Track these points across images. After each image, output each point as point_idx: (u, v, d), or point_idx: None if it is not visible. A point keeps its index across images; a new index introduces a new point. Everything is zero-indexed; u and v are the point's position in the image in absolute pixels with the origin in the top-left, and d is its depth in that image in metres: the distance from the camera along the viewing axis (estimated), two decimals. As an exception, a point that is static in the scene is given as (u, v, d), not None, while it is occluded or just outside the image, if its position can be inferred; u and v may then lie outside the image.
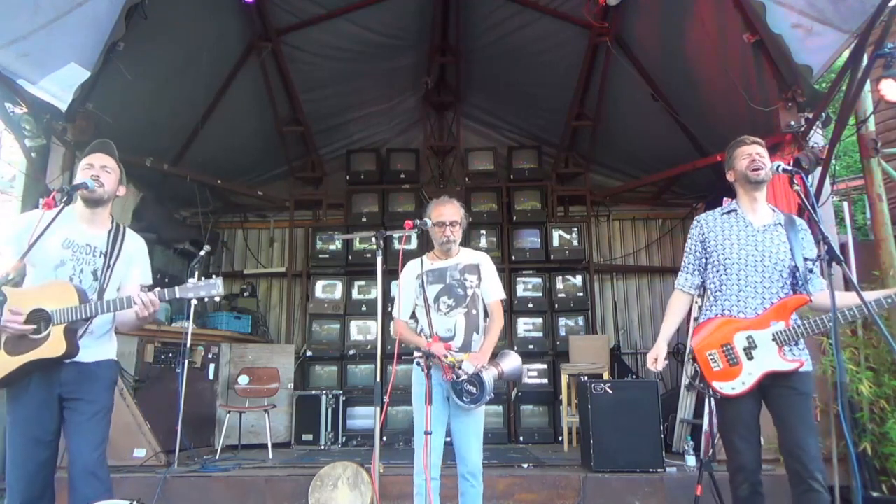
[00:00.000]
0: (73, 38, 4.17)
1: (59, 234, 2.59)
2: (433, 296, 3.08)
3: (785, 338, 2.54)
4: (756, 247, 2.67)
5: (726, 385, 2.59)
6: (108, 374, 2.67)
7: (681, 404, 5.35)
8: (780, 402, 2.55)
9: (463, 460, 2.98)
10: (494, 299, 3.19)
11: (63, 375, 2.52)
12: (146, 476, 4.14)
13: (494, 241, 7.15)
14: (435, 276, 3.12)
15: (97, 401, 2.57)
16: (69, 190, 2.50)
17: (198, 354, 5.74)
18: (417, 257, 3.19)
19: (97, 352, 2.63)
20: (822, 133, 4.55)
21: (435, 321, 3.01)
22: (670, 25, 5.18)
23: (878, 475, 3.95)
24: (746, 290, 2.64)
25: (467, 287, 3.11)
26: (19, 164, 4.92)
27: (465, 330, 3.06)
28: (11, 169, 5.83)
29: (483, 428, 3.08)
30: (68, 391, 2.53)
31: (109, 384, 2.68)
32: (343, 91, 6.89)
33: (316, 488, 3.84)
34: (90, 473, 2.48)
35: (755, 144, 2.74)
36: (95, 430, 2.55)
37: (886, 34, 3.96)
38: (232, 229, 7.97)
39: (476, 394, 2.86)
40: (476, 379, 2.85)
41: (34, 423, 2.50)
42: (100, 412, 2.57)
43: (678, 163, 6.40)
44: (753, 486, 2.56)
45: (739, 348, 2.59)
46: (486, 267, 3.20)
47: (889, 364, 4.03)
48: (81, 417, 2.53)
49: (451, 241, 3.11)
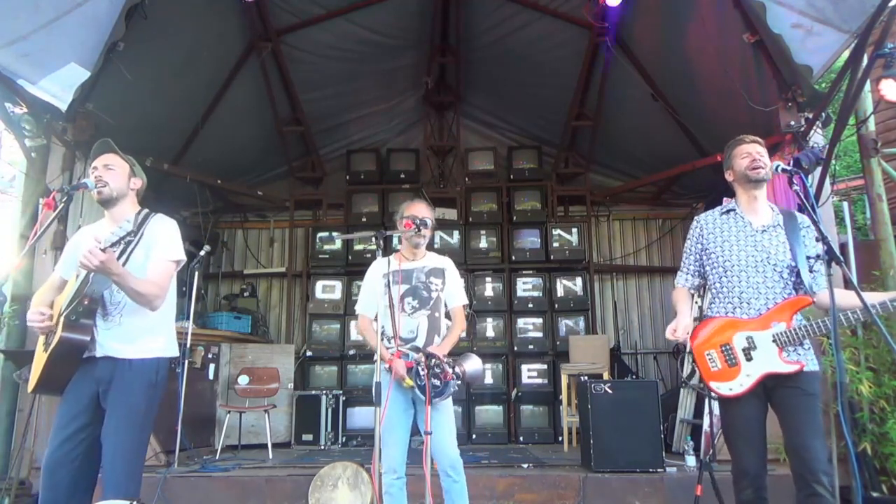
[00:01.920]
0: (73, 38, 4.17)
1: (89, 239, 2.56)
2: (398, 296, 3.12)
3: (786, 339, 2.50)
4: (756, 247, 2.64)
5: (724, 385, 2.57)
6: (141, 375, 2.49)
7: (681, 404, 5.36)
8: (786, 402, 2.51)
9: (442, 454, 2.96)
10: (457, 304, 3.25)
11: (98, 373, 2.45)
12: (146, 476, 4.04)
13: (494, 241, 7.15)
14: (402, 276, 3.16)
15: (123, 403, 2.43)
16: (69, 190, 2.50)
17: (198, 354, 5.74)
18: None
19: (132, 347, 2.49)
20: (822, 133, 4.55)
21: (399, 321, 3.06)
22: (670, 25, 5.18)
23: (878, 475, 3.95)
24: (748, 292, 2.61)
25: (432, 290, 3.18)
26: (19, 164, 4.92)
27: (427, 331, 3.12)
28: (11, 169, 5.85)
29: (454, 421, 3.09)
30: (104, 390, 2.44)
31: (144, 386, 2.50)
32: (343, 91, 6.88)
33: (316, 488, 3.84)
34: (112, 479, 2.38)
35: (754, 143, 2.71)
36: (118, 434, 2.40)
37: (886, 34, 3.96)
38: (232, 229, 7.97)
39: (440, 386, 2.90)
40: (438, 370, 2.89)
41: (66, 425, 2.43)
42: (125, 416, 2.43)
43: (678, 163, 6.41)
44: (757, 491, 2.51)
45: (738, 349, 2.57)
46: (451, 272, 3.27)
47: (889, 364, 4.03)
48: (108, 419, 2.42)
49: (420, 240, 3.17)
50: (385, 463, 2.94)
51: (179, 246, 2.65)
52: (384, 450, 2.94)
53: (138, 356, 2.50)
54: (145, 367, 2.52)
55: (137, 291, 2.43)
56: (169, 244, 2.60)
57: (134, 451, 2.47)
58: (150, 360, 2.54)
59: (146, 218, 2.63)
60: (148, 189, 2.86)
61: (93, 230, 2.70)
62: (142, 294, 2.44)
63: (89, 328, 2.44)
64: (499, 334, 6.72)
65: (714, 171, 5.89)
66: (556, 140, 7.48)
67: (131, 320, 2.52)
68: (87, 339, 2.42)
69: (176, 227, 2.68)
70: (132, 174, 2.70)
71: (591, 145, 7.24)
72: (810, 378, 2.52)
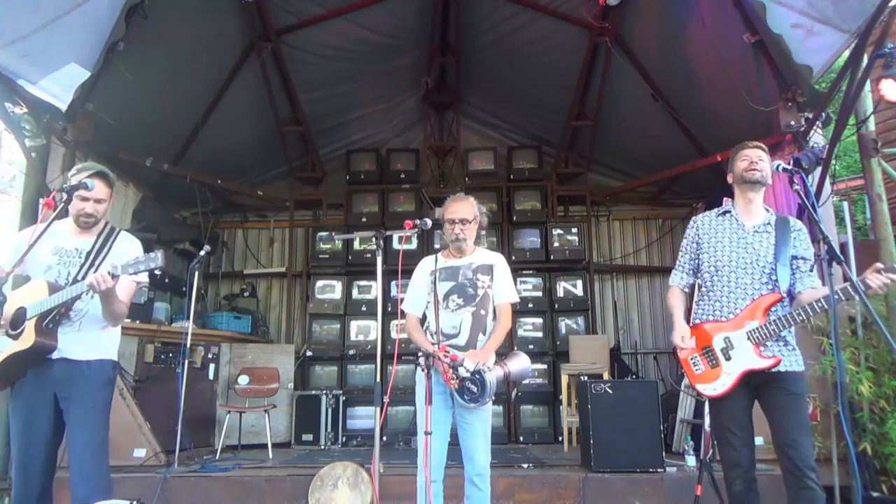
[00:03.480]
0: (73, 38, 4.16)
1: (50, 243, 2.68)
2: (443, 293, 3.08)
3: (759, 335, 2.59)
4: (746, 248, 2.73)
5: (708, 387, 2.68)
6: (100, 374, 2.66)
7: (681, 404, 5.35)
8: (772, 402, 2.61)
9: (470, 461, 2.95)
10: (504, 301, 3.15)
11: (55, 373, 2.56)
12: (146, 476, 4.14)
13: (494, 241, 7.14)
14: (447, 273, 3.12)
15: (88, 400, 2.58)
16: (69, 190, 2.53)
17: (198, 354, 5.74)
18: (424, 257, 3.23)
19: (89, 350, 2.64)
20: (822, 133, 4.55)
21: (442, 317, 3.01)
22: (670, 25, 5.18)
23: (878, 475, 3.96)
24: (736, 292, 2.69)
25: (479, 287, 3.09)
26: (19, 164, 4.92)
27: (470, 328, 3.03)
28: (11, 169, 5.84)
29: (490, 429, 3.06)
30: (61, 390, 2.57)
31: (102, 384, 2.66)
32: (343, 91, 6.88)
33: (316, 488, 3.84)
34: (83, 473, 2.51)
35: (756, 148, 2.80)
36: (87, 429, 2.55)
37: (886, 34, 3.96)
38: (232, 229, 7.98)
39: (476, 393, 2.82)
40: (478, 378, 2.81)
41: (30, 422, 2.55)
42: (91, 412, 2.58)
43: (678, 163, 6.41)
44: (747, 482, 2.61)
45: (718, 350, 2.67)
46: (501, 268, 3.18)
47: (889, 364, 4.03)
48: (73, 417, 2.55)
49: (460, 240, 3.10)
50: (420, 464, 2.86)
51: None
52: (430, 454, 2.84)
53: (96, 357, 2.66)
54: (103, 367, 2.69)
55: (114, 313, 2.62)
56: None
57: (101, 444, 2.61)
58: (106, 360, 2.71)
59: (111, 233, 2.77)
60: (148, 189, 2.88)
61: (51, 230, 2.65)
62: (116, 314, 2.64)
63: (56, 333, 2.57)
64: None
65: (714, 172, 5.92)
66: (555, 140, 7.47)
67: (90, 326, 2.66)
68: (55, 345, 2.56)
69: (140, 248, 2.82)
70: (111, 195, 2.80)
71: (591, 145, 7.23)
72: (795, 378, 2.61)
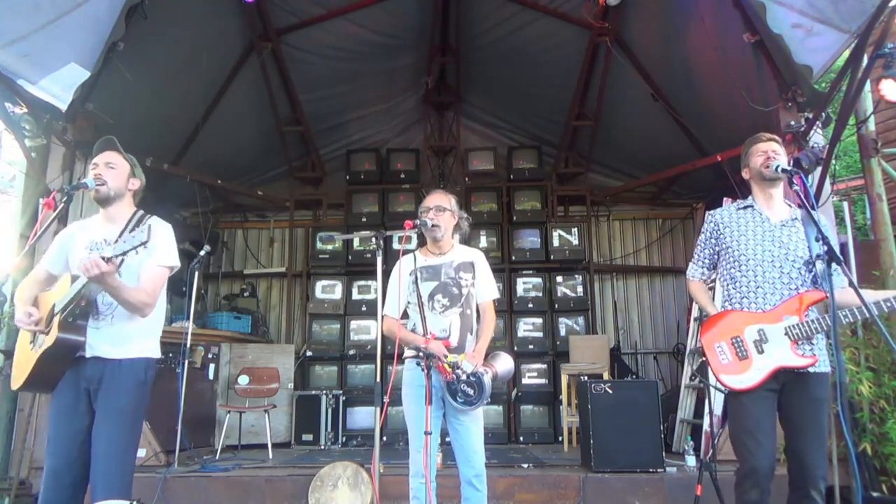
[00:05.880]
0: (73, 38, 4.16)
1: (86, 238, 2.59)
2: (427, 293, 2.98)
3: (798, 333, 2.47)
4: (774, 242, 2.62)
5: (734, 379, 2.50)
6: (130, 375, 2.50)
7: (681, 404, 5.35)
8: (794, 405, 2.48)
9: (467, 462, 2.88)
10: (488, 299, 3.07)
11: (87, 371, 2.46)
12: (146, 476, 4.13)
13: (494, 241, 7.15)
14: (429, 273, 3.02)
15: (113, 405, 2.44)
16: (69, 189, 2.49)
17: (198, 354, 5.74)
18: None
19: (120, 347, 2.50)
20: (822, 133, 4.54)
21: (429, 320, 2.92)
22: (670, 25, 5.18)
23: (878, 475, 3.95)
24: (764, 287, 2.57)
25: (462, 286, 3.01)
26: (19, 164, 4.92)
27: (459, 330, 2.95)
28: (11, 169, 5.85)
29: (483, 429, 3.02)
30: (94, 388, 2.46)
31: (132, 386, 2.50)
32: (343, 91, 6.88)
33: (316, 488, 3.84)
34: (105, 483, 2.38)
35: (771, 142, 2.71)
36: (108, 437, 2.41)
37: (886, 34, 3.95)
38: (232, 229, 7.98)
39: (473, 396, 2.77)
40: (475, 381, 2.76)
41: (64, 420, 2.44)
42: (115, 417, 2.44)
43: (678, 163, 6.41)
44: (762, 493, 2.43)
45: (749, 341, 2.52)
46: (481, 265, 3.10)
47: (889, 364, 4.03)
48: (98, 421, 2.43)
49: (434, 226, 2.99)
50: (412, 466, 2.84)
51: (175, 252, 2.63)
52: (412, 452, 2.84)
53: (128, 356, 2.51)
54: (135, 367, 2.52)
55: (129, 301, 2.45)
56: (165, 250, 2.59)
57: (124, 450, 2.48)
58: (139, 359, 2.54)
59: (142, 220, 2.61)
60: (148, 189, 2.85)
61: (85, 226, 2.68)
62: (133, 304, 2.46)
63: (84, 329, 2.45)
64: (499, 334, 6.72)
65: (714, 172, 5.92)
66: (555, 140, 7.48)
67: (122, 322, 2.52)
68: (82, 340, 2.43)
69: (172, 232, 2.67)
70: (132, 174, 2.69)
71: (591, 145, 7.23)
72: (821, 380, 2.50)
